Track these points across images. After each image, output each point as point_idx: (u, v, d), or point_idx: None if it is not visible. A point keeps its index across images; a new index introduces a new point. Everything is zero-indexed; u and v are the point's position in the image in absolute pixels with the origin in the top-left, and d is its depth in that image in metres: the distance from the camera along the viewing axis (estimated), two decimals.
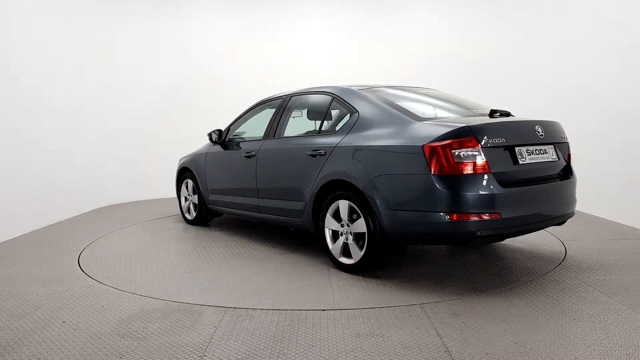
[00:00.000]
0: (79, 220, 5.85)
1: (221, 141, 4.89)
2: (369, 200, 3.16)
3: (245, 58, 7.69)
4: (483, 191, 2.82)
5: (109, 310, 2.82)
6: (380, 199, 3.09)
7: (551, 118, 3.51)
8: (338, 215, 3.46)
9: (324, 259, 3.75)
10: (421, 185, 2.90)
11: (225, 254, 4.10)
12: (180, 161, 5.65)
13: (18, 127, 5.17)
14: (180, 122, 7.47)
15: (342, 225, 3.43)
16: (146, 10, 7.32)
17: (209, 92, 7.57)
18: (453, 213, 2.80)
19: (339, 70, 7.68)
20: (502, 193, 2.86)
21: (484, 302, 2.80)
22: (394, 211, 3.04)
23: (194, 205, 5.36)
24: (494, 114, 3.30)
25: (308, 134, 4.08)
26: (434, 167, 2.85)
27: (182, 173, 5.57)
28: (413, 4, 7.82)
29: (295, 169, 3.84)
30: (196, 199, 5.29)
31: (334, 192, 3.47)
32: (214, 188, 4.95)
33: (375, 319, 2.60)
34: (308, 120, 4.22)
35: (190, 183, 5.38)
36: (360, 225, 3.27)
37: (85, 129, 6.55)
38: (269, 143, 4.22)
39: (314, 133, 4.00)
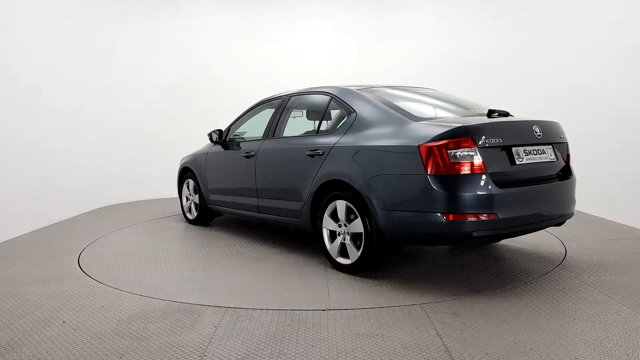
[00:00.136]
0: (79, 220, 5.85)
1: (221, 141, 4.90)
2: (366, 200, 3.16)
3: (245, 58, 7.69)
4: (479, 191, 2.81)
5: (109, 310, 2.82)
6: (377, 199, 3.09)
7: (551, 118, 3.50)
8: (336, 216, 3.46)
9: (322, 259, 3.75)
10: (417, 185, 2.89)
11: (225, 253, 4.10)
12: (181, 161, 5.67)
13: (18, 127, 5.17)
14: (180, 122, 7.48)
15: (340, 226, 3.43)
16: (146, 10, 7.33)
17: (209, 92, 7.57)
18: (449, 213, 2.80)
19: (339, 70, 7.68)
20: (499, 193, 2.85)
21: (484, 302, 2.80)
22: (391, 211, 3.03)
23: (195, 205, 5.37)
24: (492, 114, 3.28)
25: (306, 134, 4.08)
26: (430, 168, 2.85)
27: (184, 173, 5.58)
28: (413, 4, 7.81)
29: (294, 169, 3.84)
30: (197, 198, 5.30)
31: (332, 192, 3.47)
32: (214, 188, 4.96)
33: (375, 319, 2.60)
34: (307, 120, 4.22)
35: (192, 183, 5.38)
36: (358, 226, 3.26)
37: (85, 129, 6.55)
38: (268, 143, 4.23)
39: (312, 133, 4.00)
